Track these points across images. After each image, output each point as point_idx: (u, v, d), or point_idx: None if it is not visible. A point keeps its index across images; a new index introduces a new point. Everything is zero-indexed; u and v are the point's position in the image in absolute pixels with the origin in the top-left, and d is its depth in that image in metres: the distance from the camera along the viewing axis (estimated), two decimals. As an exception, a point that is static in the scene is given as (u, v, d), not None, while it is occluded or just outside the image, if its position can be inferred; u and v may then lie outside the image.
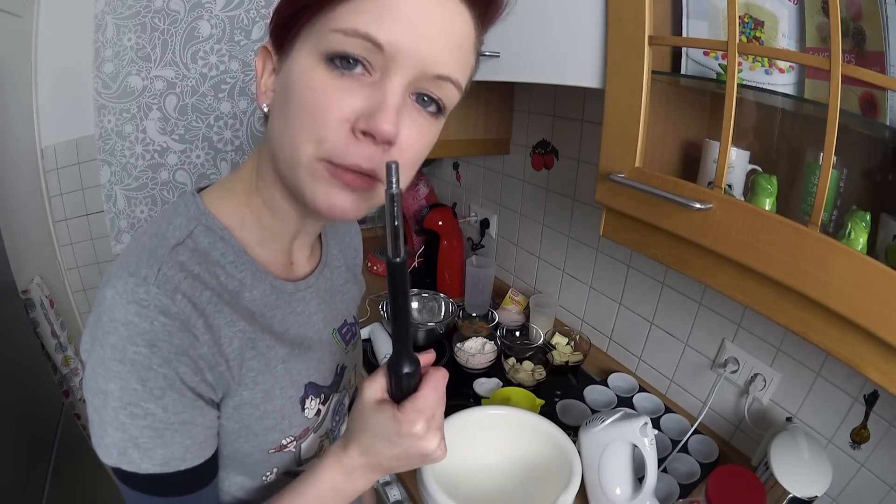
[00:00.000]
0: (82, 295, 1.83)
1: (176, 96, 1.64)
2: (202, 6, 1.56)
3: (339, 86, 0.38)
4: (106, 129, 1.62)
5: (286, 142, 0.40)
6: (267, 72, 0.43)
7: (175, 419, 0.41)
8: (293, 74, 0.39)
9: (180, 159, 1.73)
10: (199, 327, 0.41)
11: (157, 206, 1.77)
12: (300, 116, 0.39)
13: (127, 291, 0.39)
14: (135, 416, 0.40)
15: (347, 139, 0.38)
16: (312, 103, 0.38)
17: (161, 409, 0.40)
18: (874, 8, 0.52)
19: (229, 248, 0.47)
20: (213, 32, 1.60)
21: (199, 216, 0.46)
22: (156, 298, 0.39)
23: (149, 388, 0.39)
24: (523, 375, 1.17)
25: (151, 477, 0.42)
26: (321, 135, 0.38)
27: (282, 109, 0.40)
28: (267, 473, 0.54)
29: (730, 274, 0.62)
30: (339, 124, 0.38)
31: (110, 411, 0.40)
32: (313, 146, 0.39)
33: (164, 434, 0.41)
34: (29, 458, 1.07)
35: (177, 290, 0.40)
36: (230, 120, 1.73)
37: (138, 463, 0.41)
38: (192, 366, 0.41)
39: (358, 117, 0.38)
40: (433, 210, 1.64)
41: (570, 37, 0.77)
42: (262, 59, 0.44)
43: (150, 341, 0.39)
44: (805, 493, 0.74)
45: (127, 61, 1.56)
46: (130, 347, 0.38)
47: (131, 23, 1.52)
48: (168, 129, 1.68)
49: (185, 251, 0.43)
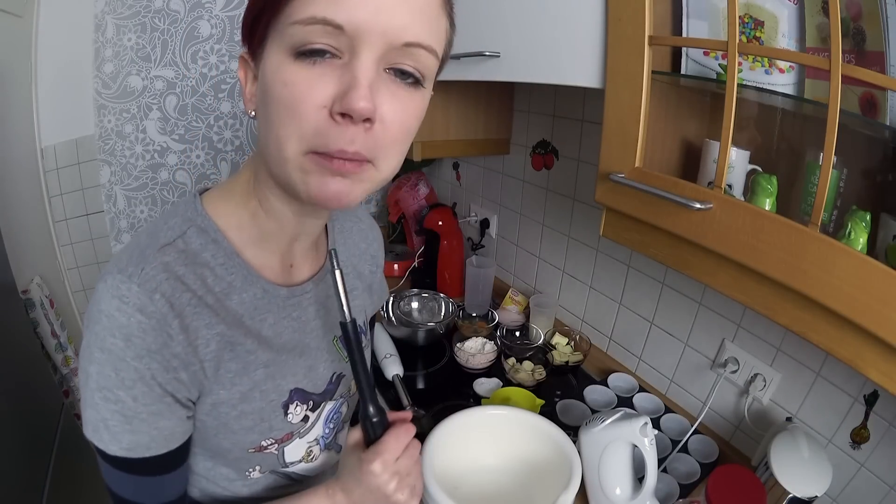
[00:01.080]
0: (82, 295, 1.83)
1: (176, 96, 1.64)
2: (202, 6, 1.56)
3: (311, 75, 0.37)
4: (106, 129, 1.62)
5: (272, 141, 0.40)
6: (249, 80, 0.44)
7: (143, 410, 0.44)
8: (267, 75, 0.39)
9: (180, 159, 1.73)
10: (175, 328, 0.43)
11: (157, 206, 1.77)
12: (279, 114, 0.38)
13: (112, 287, 0.42)
14: (107, 399, 0.43)
15: (328, 125, 0.38)
16: (289, 98, 0.38)
17: (130, 399, 0.43)
18: (874, 8, 0.52)
19: (220, 251, 0.48)
20: (213, 32, 1.60)
21: (194, 217, 0.48)
22: (136, 296, 0.41)
23: (121, 377, 0.42)
24: (523, 375, 1.17)
25: (117, 458, 0.45)
26: (302, 127, 0.38)
27: (263, 111, 0.41)
28: (250, 469, 0.55)
29: (730, 274, 0.62)
30: (316, 111, 0.37)
31: (89, 391, 0.43)
32: (296, 141, 0.39)
33: (132, 422, 0.44)
34: (29, 458, 1.07)
35: (156, 290, 0.42)
36: (230, 120, 1.73)
37: (107, 443, 0.44)
38: (165, 364, 0.43)
39: (333, 101, 0.37)
40: (433, 210, 1.64)
41: (570, 37, 0.77)
42: (242, 69, 0.44)
43: (126, 336, 0.41)
44: (805, 493, 0.74)
45: (127, 61, 1.56)
46: (109, 338, 0.41)
47: (131, 23, 1.52)
48: (168, 129, 1.68)
49: (173, 252, 0.45)
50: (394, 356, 1.22)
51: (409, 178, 1.86)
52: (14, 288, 1.23)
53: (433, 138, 1.35)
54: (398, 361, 1.21)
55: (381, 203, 2.16)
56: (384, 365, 1.20)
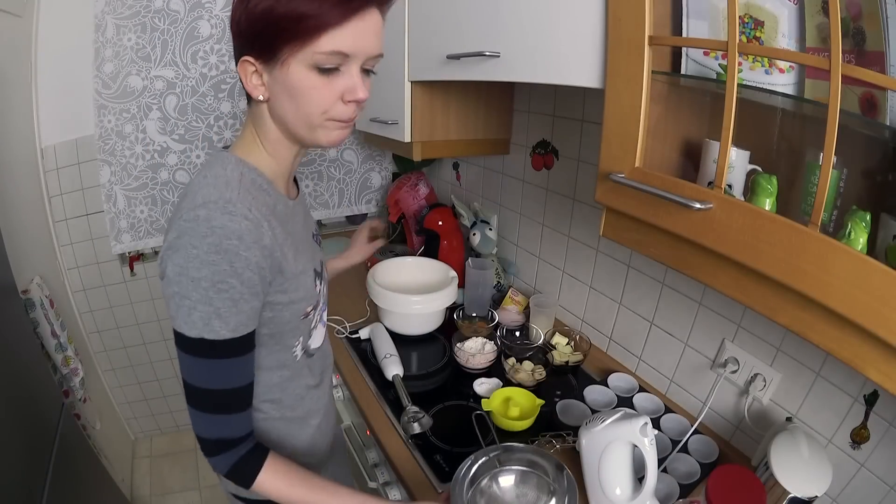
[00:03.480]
0: (82, 295, 1.83)
1: (176, 96, 1.64)
2: (202, 6, 1.56)
3: (328, 81, 0.61)
4: (106, 129, 1.62)
5: (302, 117, 0.63)
6: (251, 74, 0.63)
7: (247, 291, 0.60)
8: (293, 80, 0.60)
9: (180, 159, 1.73)
10: (265, 227, 0.62)
11: (158, 207, 1.77)
12: (310, 104, 0.62)
13: (220, 206, 0.58)
14: (221, 290, 0.58)
15: (341, 106, 0.63)
16: (317, 96, 0.61)
17: (239, 283, 0.59)
18: (874, 8, 0.52)
19: (264, 180, 0.68)
20: (213, 32, 1.60)
21: (240, 163, 0.66)
22: (240, 209, 0.59)
23: (234, 267, 0.58)
24: (523, 375, 1.17)
25: (225, 342, 0.60)
26: (326, 109, 0.62)
27: (290, 100, 0.62)
28: (295, 343, 0.75)
29: (730, 274, 0.62)
30: (334, 101, 0.62)
31: (201, 291, 0.58)
32: (320, 115, 0.63)
33: (238, 304, 0.60)
34: (29, 458, 1.07)
35: (251, 206, 0.61)
36: (230, 120, 1.73)
37: (218, 331, 0.59)
38: (263, 252, 0.61)
39: (343, 93, 0.62)
40: (433, 210, 1.64)
41: (570, 37, 0.77)
42: (243, 67, 0.63)
43: (239, 235, 0.58)
44: (805, 493, 0.75)
45: (127, 61, 1.56)
46: (225, 241, 0.57)
47: (131, 23, 1.52)
48: (168, 129, 1.68)
49: (246, 181, 0.64)
50: (394, 356, 1.22)
51: (409, 178, 1.85)
52: (14, 288, 1.23)
53: (433, 138, 1.35)
54: (398, 361, 1.21)
55: (381, 203, 2.16)
56: (384, 365, 1.20)
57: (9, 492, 0.95)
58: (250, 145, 0.69)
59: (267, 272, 0.63)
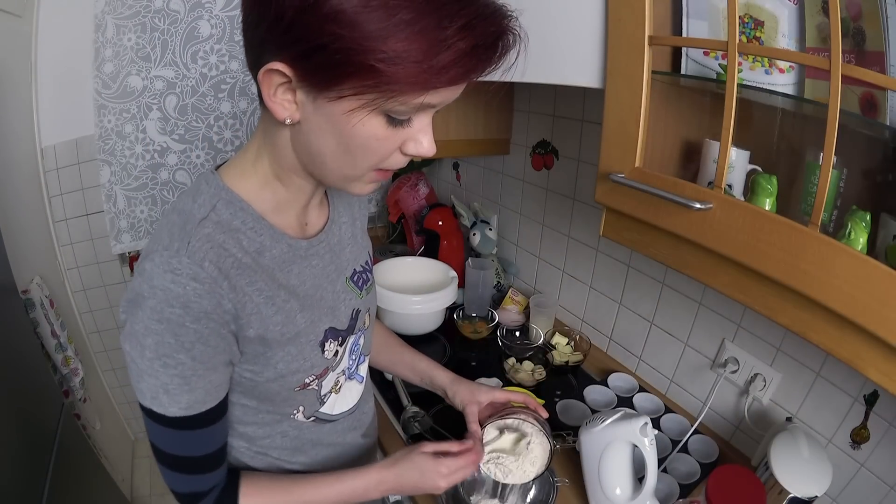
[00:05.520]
0: (82, 295, 1.83)
1: (176, 96, 1.64)
2: (202, 6, 1.56)
3: (396, 132, 0.47)
4: (106, 129, 1.61)
5: (346, 165, 0.49)
6: (278, 86, 0.45)
7: (200, 367, 0.50)
8: (350, 122, 0.45)
9: (180, 159, 1.73)
10: (224, 288, 0.49)
11: (157, 206, 1.77)
12: (367, 155, 0.48)
13: (163, 263, 0.47)
14: (167, 365, 0.48)
15: (398, 157, 0.50)
16: (378, 147, 0.48)
17: (189, 359, 0.49)
18: (874, 8, 0.52)
19: (248, 216, 0.54)
20: (213, 32, 1.60)
21: (219, 192, 0.53)
22: (187, 267, 0.47)
23: (181, 341, 0.48)
24: (523, 375, 1.17)
25: (180, 419, 0.51)
26: (377, 160, 0.49)
27: (337, 142, 0.47)
28: (294, 412, 0.64)
29: (730, 274, 0.62)
30: (392, 152, 0.49)
31: (146, 361, 0.48)
32: (367, 168, 0.50)
33: (189, 381, 0.50)
34: (29, 458, 1.07)
35: (204, 259, 0.48)
36: (230, 120, 1.73)
37: (167, 406, 0.50)
38: (219, 321, 0.49)
39: (404, 143, 0.49)
40: (433, 210, 1.64)
41: (570, 37, 0.77)
42: (268, 77, 0.45)
43: (184, 303, 0.47)
44: (805, 493, 0.75)
45: (127, 61, 1.55)
46: (167, 308, 0.47)
47: (131, 23, 1.52)
48: (168, 129, 1.67)
49: (210, 224, 0.51)
50: (394, 356, 1.22)
51: (409, 178, 1.85)
52: (14, 288, 1.23)
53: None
54: (398, 361, 1.21)
55: (381, 203, 2.16)
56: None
57: (9, 492, 0.95)
58: (252, 166, 0.55)
59: (233, 341, 0.52)
